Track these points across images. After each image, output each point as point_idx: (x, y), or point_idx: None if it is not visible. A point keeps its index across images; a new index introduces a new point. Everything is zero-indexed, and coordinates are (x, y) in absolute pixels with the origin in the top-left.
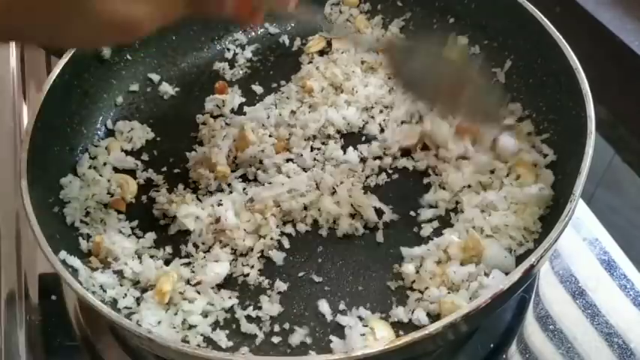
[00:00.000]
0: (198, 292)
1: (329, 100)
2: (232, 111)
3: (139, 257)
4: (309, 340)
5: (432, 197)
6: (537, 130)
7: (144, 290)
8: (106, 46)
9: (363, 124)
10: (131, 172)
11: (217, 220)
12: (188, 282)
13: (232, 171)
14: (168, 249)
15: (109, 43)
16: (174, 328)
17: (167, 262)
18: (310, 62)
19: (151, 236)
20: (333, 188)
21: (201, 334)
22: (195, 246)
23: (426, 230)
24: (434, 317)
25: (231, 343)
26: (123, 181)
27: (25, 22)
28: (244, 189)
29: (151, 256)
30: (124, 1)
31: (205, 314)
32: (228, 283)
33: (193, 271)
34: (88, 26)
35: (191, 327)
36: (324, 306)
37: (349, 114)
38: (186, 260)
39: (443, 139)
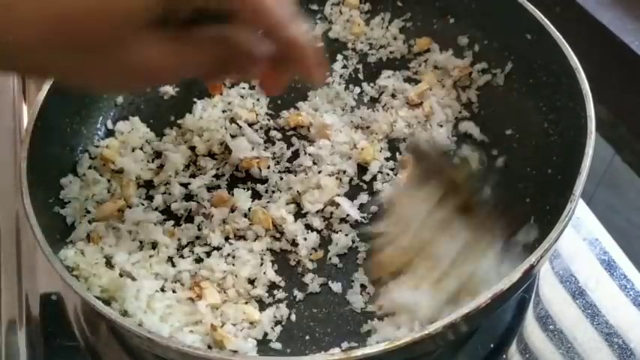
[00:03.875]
0: None
1: None
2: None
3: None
4: None
5: None
6: (537, 130)
7: None
8: (123, 92)
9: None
10: (131, 172)
11: None
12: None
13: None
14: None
15: (127, 90)
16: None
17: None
18: None
19: None
20: None
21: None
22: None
23: None
24: None
25: None
26: (123, 181)
27: (50, 59)
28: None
29: (150, 256)
30: (151, 53)
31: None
32: None
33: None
34: (110, 72)
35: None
36: None
37: None
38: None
39: None
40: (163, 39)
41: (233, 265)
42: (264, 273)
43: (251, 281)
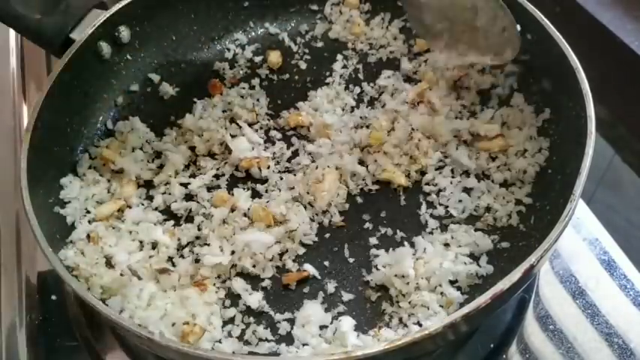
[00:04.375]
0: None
1: None
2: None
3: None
4: None
5: None
6: (537, 130)
7: None
8: None
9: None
10: (131, 172)
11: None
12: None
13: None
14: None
15: None
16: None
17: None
18: None
19: None
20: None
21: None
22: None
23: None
24: None
25: None
26: (123, 181)
27: None
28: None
29: (150, 257)
30: None
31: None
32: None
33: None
34: None
35: None
36: None
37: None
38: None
39: None
40: None
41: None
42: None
43: None
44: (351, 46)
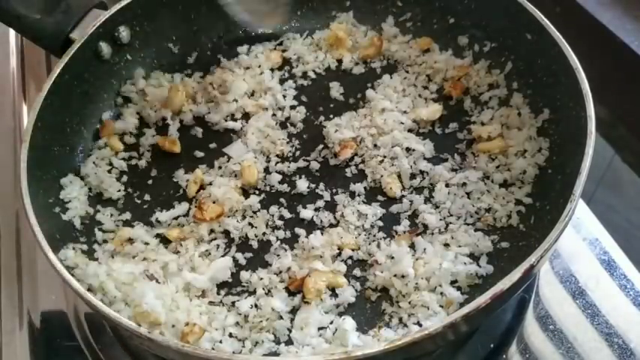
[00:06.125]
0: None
1: None
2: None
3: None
4: None
5: None
6: (537, 130)
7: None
8: None
9: None
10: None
11: None
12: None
13: None
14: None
15: None
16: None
17: None
18: None
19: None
20: None
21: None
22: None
23: None
24: None
25: None
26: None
27: None
28: None
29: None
30: None
31: None
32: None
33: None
34: None
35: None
36: None
37: None
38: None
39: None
40: None
41: None
42: None
43: None
44: None
